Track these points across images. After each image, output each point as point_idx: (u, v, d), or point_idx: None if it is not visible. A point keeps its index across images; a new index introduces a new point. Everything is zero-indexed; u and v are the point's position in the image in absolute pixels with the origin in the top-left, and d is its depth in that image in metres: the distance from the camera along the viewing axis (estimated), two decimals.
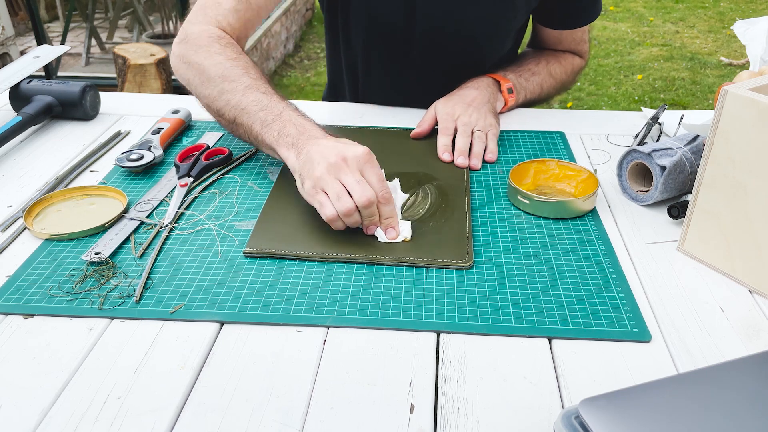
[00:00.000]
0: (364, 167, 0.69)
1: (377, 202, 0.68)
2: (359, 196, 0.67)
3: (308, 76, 3.94)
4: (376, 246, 0.69)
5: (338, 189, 0.67)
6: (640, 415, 0.43)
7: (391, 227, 0.70)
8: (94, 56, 3.66)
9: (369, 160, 0.70)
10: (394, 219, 0.70)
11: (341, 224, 0.69)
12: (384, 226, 0.70)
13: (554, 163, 0.82)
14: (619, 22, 4.80)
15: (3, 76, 1.02)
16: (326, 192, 0.68)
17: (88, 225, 0.72)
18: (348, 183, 0.67)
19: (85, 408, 0.51)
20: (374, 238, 0.70)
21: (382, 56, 1.05)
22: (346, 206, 0.67)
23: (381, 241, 0.69)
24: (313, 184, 0.69)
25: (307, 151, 0.71)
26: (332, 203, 0.67)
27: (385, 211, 0.69)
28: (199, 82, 0.84)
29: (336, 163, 0.68)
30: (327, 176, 0.68)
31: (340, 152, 0.69)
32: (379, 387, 0.53)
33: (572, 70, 1.11)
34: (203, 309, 0.61)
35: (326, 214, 0.68)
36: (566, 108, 3.31)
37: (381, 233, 0.70)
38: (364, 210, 0.67)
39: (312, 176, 0.69)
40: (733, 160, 0.62)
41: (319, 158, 0.69)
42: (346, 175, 0.68)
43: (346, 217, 0.67)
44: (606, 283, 0.64)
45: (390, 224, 0.70)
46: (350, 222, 0.68)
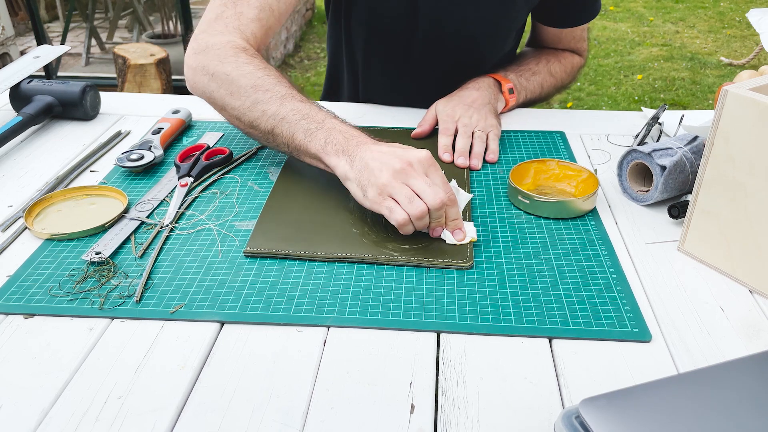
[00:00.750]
0: (429, 170, 0.69)
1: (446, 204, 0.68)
2: (432, 198, 0.67)
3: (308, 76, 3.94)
4: (376, 246, 0.69)
5: (408, 193, 0.67)
6: (640, 415, 0.43)
7: (458, 228, 0.70)
8: (94, 56, 3.66)
9: (433, 162, 0.69)
10: (459, 220, 0.70)
11: (411, 228, 0.68)
12: (451, 228, 0.70)
13: (554, 163, 0.82)
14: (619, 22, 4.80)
15: (3, 76, 1.02)
16: (394, 198, 0.67)
17: (88, 225, 0.73)
18: (418, 187, 0.67)
19: (86, 408, 0.51)
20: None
21: (384, 56, 1.05)
22: (420, 209, 0.66)
23: (449, 243, 0.69)
24: (380, 191, 0.68)
25: (360, 158, 0.70)
26: (403, 208, 0.67)
27: (451, 213, 0.69)
28: (227, 93, 0.80)
29: (403, 169, 0.68)
30: (394, 182, 0.67)
31: (403, 157, 0.68)
32: (379, 387, 0.53)
33: (572, 68, 1.11)
34: (203, 309, 0.61)
35: (397, 219, 0.67)
36: (566, 108, 3.31)
37: (448, 235, 0.70)
38: (435, 212, 0.67)
39: (376, 184, 0.68)
40: (733, 160, 0.62)
41: (379, 165, 0.68)
42: (414, 180, 0.68)
43: (417, 221, 0.67)
44: (606, 283, 0.64)
45: (457, 225, 0.70)
46: (420, 225, 0.68)
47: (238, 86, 0.79)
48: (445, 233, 0.70)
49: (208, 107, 1.04)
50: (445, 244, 0.69)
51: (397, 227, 0.68)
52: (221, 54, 0.82)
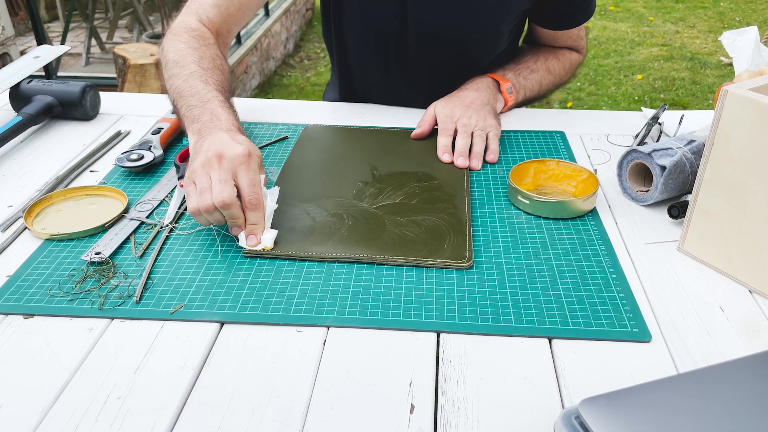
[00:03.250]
0: (238, 168, 0.68)
1: (240, 205, 0.68)
2: (216, 195, 0.66)
3: (308, 76, 3.94)
4: (377, 246, 0.69)
5: (204, 185, 0.67)
6: (640, 415, 0.43)
7: (252, 234, 0.69)
8: (94, 56, 3.66)
9: (245, 162, 0.68)
10: (258, 226, 0.69)
11: (204, 219, 0.69)
12: (246, 231, 0.69)
13: (554, 163, 0.82)
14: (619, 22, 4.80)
15: (3, 76, 1.02)
16: (196, 184, 0.68)
17: (88, 225, 0.73)
18: (213, 181, 0.67)
19: (85, 408, 0.51)
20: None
21: (377, 59, 1.05)
22: (205, 203, 0.66)
23: (240, 245, 0.69)
24: (189, 174, 0.70)
25: (203, 140, 0.72)
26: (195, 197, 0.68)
27: (250, 217, 0.69)
28: (163, 66, 0.89)
29: (209, 159, 0.68)
30: (200, 170, 0.68)
31: (219, 149, 0.69)
32: (379, 387, 0.53)
33: (570, 65, 1.11)
34: (203, 309, 0.61)
35: (189, 207, 0.68)
36: (566, 108, 3.31)
37: (243, 237, 0.69)
38: (223, 210, 0.67)
39: (190, 167, 0.70)
40: (733, 160, 0.62)
41: (203, 150, 0.70)
42: (213, 173, 0.68)
43: (207, 214, 0.67)
44: (606, 283, 0.64)
45: (252, 230, 0.69)
46: (212, 219, 0.68)
47: (166, 60, 0.88)
48: (241, 236, 0.69)
49: None
50: (446, 243, 0.69)
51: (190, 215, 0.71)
52: (172, 31, 0.92)
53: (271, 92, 3.73)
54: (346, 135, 0.95)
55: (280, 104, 1.11)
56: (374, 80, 1.09)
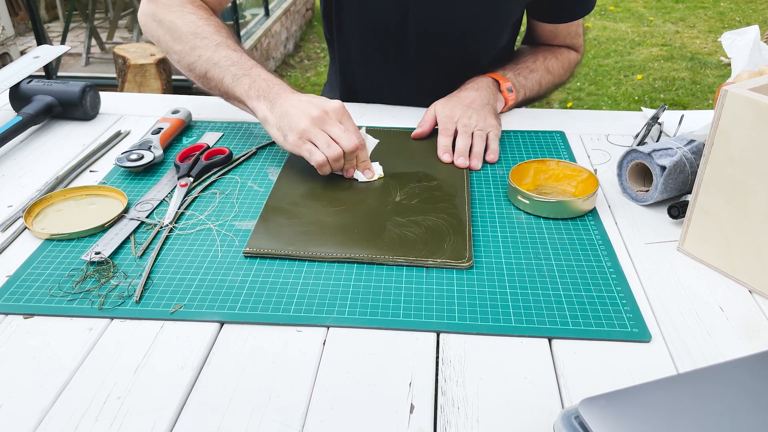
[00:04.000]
0: (342, 118, 0.79)
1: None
2: (347, 142, 0.77)
3: (308, 76, 3.94)
4: (377, 246, 0.69)
5: (326, 138, 0.77)
6: (640, 415, 0.43)
7: (367, 168, 0.81)
8: (94, 56, 3.66)
9: (345, 112, 0.79)
10: (368, 161, 0.81)
11: (329, 169, 0.78)
12: (361, 168, 0.81)
13: (554, 163, 0.82)
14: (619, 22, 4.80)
15: (3, 76, 1.02)
16: (314, 142, 0.77)
17: (88, 225, 0.72)
18: (334, 133, 0.77)
19: (85, 408, 0.51)
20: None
21: (377, 57, 1.05)
22: (336, 152, 0.76)
23: (361, 181, 0.80)
24: (299, 135, 0.77)
25: (280, 104, 0.79)
26: (322, 151, 0.76)
27: (361, 156, 0.80)
28: (171, 39, 0.90)
29: (320, 116, 0.77)
30: (312, 128, 0.76)
31: (319, 106, 0.77)
32: (379, 387, 0.53)
33: (569, 64, 1.11)
34: (203, 309, 0.61)
35: (317, 161, 0.76)
36: (566, 108, 3.31)
37: (360, 174, 0.81)
38: (350, 155, 0.78)
39: (296, 129, 0.77)
40: (733, 160, 0.62)
41: (298, 112, 0.77)
42: (331, 126, 0.77)
43: (334, 162, 0.77)
44: (606, 283, 0.64)
45: (366, 166, 0.81)
46: (337, 167, 0.78)
47: (180, 33, 0.89)
48: (357, 173, 0.81)
49: (208, 107, 1.04)
50: (446, 243, 0.69)
51: (316, 168, 0.78)
52: (168, 3, 0.92)
53: None
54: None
55: None
56: (375, 78, 1.09)
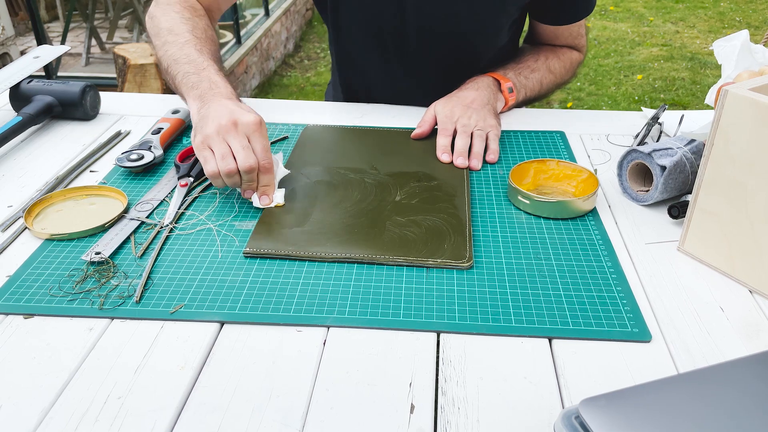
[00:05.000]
0: (252, 135, 0.74)
1: (257, 169, 0.73)
2: (242, 160, 0.72)
3: (308, 76, 3.94)
4: (377, 246, 0.69)
5: (224, 150, 0.73)
6: (640, 415, 0.43)
7: (265, 194, 0.76)
8: (94, 56, 3.66)
9: (258, 129, 0.74)
10: (270, 187, 0.76)
11: (221, 182, 0.74)
12: (259, 193, 0.76)
13: (554, 163, 0.82)
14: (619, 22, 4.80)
15: (3, 76, 1.02)
16: (213, 150, 0.73)
17: (88, 225, 0.72)
18: (234, 147, 0.73)
19: (85, 408, 0.51)
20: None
21: (376, 55, 1.05)
22: (229, 167, 0.72)
23: (255, 205, 0.76)
24: (202, 140, 0.74)
25: (207, 107, 0.77)
26: (216, 161, 0.73)
27: (263, 179, 0.75)
28: (153, 34, 0.93)
29: (226, 126, 0.73)
30: (216, 136, 0.73)
31: (232, 116, 0.74)
32: (379, 387, 0.53)
33: (571, 64, 1.11)
34: (203, 309, 0.61)
35: (208, 170, 0.73)
36: (566, 108, 3.31)
37: (256, 198, 0.76)
38: (245, 174, 0.73)
39: (203, 132, 0.74)
40: (733, 160, 0.62)
41: (213, 116, 0.75)
42: (233, 139, 0.73)
43: (227, 177, 0.73)
44: (606, 283, 0.64)
45: (264, 191, 0.76)
46: (230, 182, 0.74)
47: (158, 28, 0.92)
48: (254, 197, 0.76)
49: None
50: (446, 243, 0.69)
51: (208, 178, 0.74)
52: (163, 2, 0.96)
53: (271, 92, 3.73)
54: (346, 135, 0.95)
55: (280, 104, 1.11)
56: (374, 77, 1.08)
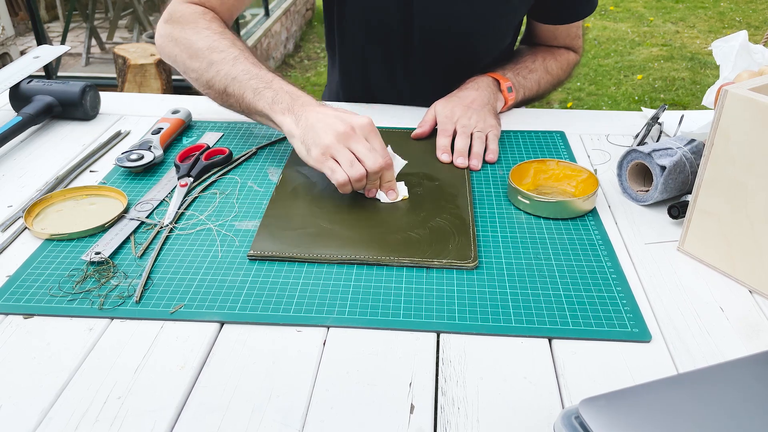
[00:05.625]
0: (369, 135, 0.74)
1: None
2: (372, 163, 0.72)
3: (308, 76, 3.94)
4: (381, 247, 0.69)
5: (350, 157, 0.73)
6: (640, 415, 0.43)
7: (391, 189, 0.77)
8: (94, 56, 3.66)
9: (373, 129, 0.75)
10: (393, 182, 0.77)
11: (350, 188, 0.74)
12: (385, 189, 0.77)
13: (554, 163, 0.82)
14: (619, 22, 4.80)
15: (3, 76, 1.02)
16: (336, 159, 0.73)
17: (88, 225, 0.73)
18: (359, 151, 0.73)
19: (85, 408, 0.51)
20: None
21: (380, 55, 1.05)
22: (359, 172, 0.72)
23: (383, 201, 0.76)
24: (323, 151, 0.73)
25: (306, 118, 0.75)
26: (344, 169, 0.72)
27: (386, 176, 0.76)
28: (187, 56, 0.87)
29: (345, 132, 0.73)
30: (337, 144, 0.72)
31: (346, 121, 0.73)
32: (379, 387, 0.53)
33: (567, 65, 1.11)
34: (203, 309, 0.61)
35: (338, 180, 0.72)
36: (566, 108, 3.31)
37: (383, 195, 0.77)
38: (373, 175, 0.73)
39: (320, 144, 0.73)
40: (733, 160, 0.62)
41: (324, 126, 0.73)
42: (356, 144, 0.73)
43: (356, 182, 0.73)
44: (606, 283, 0.64)
45: (390, 187, 0.77)
46: (358, 186, 0.74)
47: (195, 49, 0.86)
48: (379, 193, 0.77)
49: (208, 107, 1.04)
50: (451, 244, 0.69)
51: (336, 187, 0.74)
52: (182, 21, 0.90)
53: None
54: None
55: None
56: (377, 78, 1.08)
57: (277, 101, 0.79)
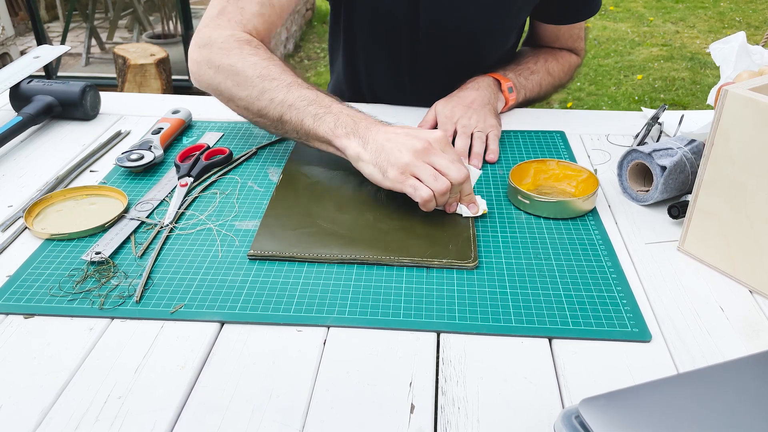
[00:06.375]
0: (445, 148, 0.72)
1: None
2: (456, 174, 0.70)
3: (308, 76, 3.94)
4: (381, 247, 0.69)
5: (432, 171, 0.70)
6: (640, 415, 0.43)
7: (472, 202, 0.74)
8: (94, 56, 3.66)
9: (448, 141, 0.73)
10: (473, 195, 0.75)
11: (434, 204, 0.71)
12: (466, 202, 0.74)
13: (554, 163, 0.82)
14: (619, 22, 4.80)
15: (3, 76, 1.02)
16: (417, 176, 0.70)
17: (88, 225, 0.73)
18: (441, 164, 0.70)
19: (85, 408, 0.51)
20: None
21: (386, 54, 1.05)
22: (444, 185, 0.70)
23: (465, 216, 0.74)
24: (401, 170, 0.70)
25: (374, 140, 0.73)
26: (427, 185, 0.69)
27: (466, 188, 0.73)
28: (233, 84, 0.82)
29: (424, 148, 0.70)
30: (416, 161, 0.70)
31: (421, 137, 0.72)
32: (379, 387, 0.53)
33: (569, 67, 1.11)
34: (203, 309, 0.61)
35: (423, 196, 0.69)
36: (566, 108, 3.31)
37: (464, 208, 0.74)
38: (457, 187, 0.71)
39: (397, 163, 0.70)
40: (733, 160, 0.62)
41: (397, 145, 0.71)
42: (437, 157, 0.71)
43: (441, 197, 0.70)
44: (606, 283, 0.64)
45: (471, 200, 0.74)
46: (442, 201, 0.71)
47: (244, 77, 0.81)
48: (460, 207, 0.74)
49: (208, 107, 1.04)
50: (451, 244, 0.69)
51: (420, 204, 0.71)
52: (225, 46, 0.84)
53: None
54: None
55: None
56: (381, 77, 1.08)
57: (340, 125, 0.76)
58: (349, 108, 0.79)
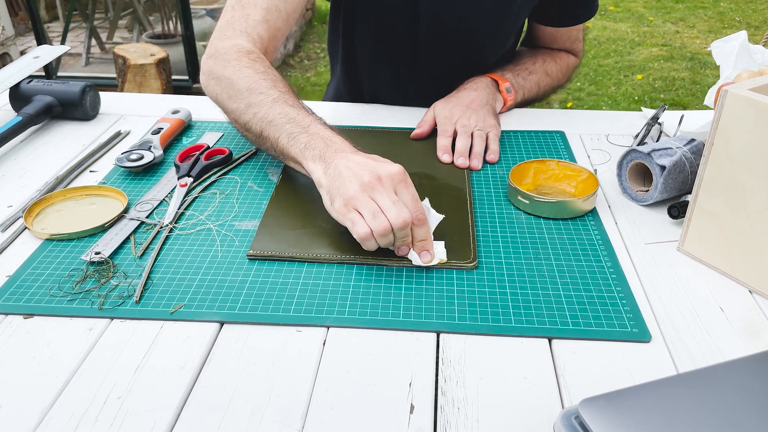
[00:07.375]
0: (398, 187, 0.66)
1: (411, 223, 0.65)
2: (395, 217, 0.63)
3: (308, 76, 3.94)
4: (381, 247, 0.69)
5: (373, 208, 0.64)
6: (640, 415, 0.43)
7: (425, 250, 0.66)
8: (94, 56, 3.66)
9: (403, 179, 0.66)
10: (428, 241, 0.66)
11: (374, 244, 0.65)
12: (418, 249, 0.66)
13: (554, 163, 0.82)
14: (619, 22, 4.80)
15: (3, 76, 1.02)
16: (359, 211, 0.65)
17: (88, 225, 0.73)
18: (383, 203, 0.64)
19: (85, 408, 0.51)
20: None
21: (386, 54, 1.05)
22: (382, 226, 0.63)
23: (415, 264, 0.66)
24: (345, 202, 0.65)
25: (335, 166, 0.68)
26: (366, 222, 0.64)
27: (419, 234, 0.66)
28: (227, 96, 0.82)
29: (370, 182, 0.65)
30: (360, 195, 0.65)
31: (373, 170, 0.66)
32: (379, 387, 0.53)
33: (567, 68, 1.11)
34: (203, 309, 0.61)
35: (359, 233, 0.64)
36: (566, 108, 3.31)
37: (415, 256, 0.66)
38: (399, 231, 0.64)
39: (344, 194, 0.66)
40: (733, 160, 0.62)
41: (350, 175, 0.66)
42: (380, 195, 0.65)
43: (380, 237, 0.64)
44: (606, 283, 0.64)
45: (424, 247, 0.66)
46: (384, 242, 0.65)
47: (236, 89, 0.80)
48: (411, 254, 0.66)
49: (207, 107, 1.04)
50: (448, 243, 0.69)
51: (359, 241, 0.65)
52: (226, 58, 0.83)
53: None
54: (346, 135, 0.95)
55: None
56: (381, 77, 1.08)
57: (310, 147, 0.72)
58: (326, 130, 0.74)
